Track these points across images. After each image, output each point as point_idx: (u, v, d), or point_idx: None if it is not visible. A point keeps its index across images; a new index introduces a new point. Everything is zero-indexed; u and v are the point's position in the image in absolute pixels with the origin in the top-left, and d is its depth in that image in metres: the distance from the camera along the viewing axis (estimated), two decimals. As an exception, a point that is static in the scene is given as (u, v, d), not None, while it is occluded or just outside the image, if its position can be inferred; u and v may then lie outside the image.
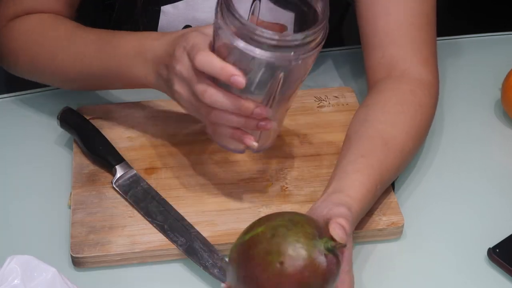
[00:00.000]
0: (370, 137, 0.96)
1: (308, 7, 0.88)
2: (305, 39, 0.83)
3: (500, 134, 1.10)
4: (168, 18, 1.08)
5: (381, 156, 0.94)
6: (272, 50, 0.83)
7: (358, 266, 0.92)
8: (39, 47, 1.04)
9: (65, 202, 0.98)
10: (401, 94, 1.01)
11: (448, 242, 0.95)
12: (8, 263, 0.75)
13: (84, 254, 0.91)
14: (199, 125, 1.04)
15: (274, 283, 0.78)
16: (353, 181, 0.91)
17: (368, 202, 0.91)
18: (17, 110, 1.10)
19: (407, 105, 1.00)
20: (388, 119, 0.98)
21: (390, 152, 0.95)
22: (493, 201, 1.00)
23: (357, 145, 0.95)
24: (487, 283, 0.91)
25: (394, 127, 0.97)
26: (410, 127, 0.98)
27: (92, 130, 1.03)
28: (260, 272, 0.78)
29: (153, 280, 0.91)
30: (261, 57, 0.83)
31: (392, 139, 0.96)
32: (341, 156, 0.95)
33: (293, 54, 0.83)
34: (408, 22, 1.03)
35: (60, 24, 1.04)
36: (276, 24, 0.88)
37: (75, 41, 1.01)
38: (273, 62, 0.83)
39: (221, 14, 0.84)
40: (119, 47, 0.98)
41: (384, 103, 1.00)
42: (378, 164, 0.93)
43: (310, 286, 0.78)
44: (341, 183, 0.91)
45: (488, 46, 1.25)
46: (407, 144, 0.97)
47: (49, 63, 1.03)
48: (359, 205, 0.89)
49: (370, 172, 0.92)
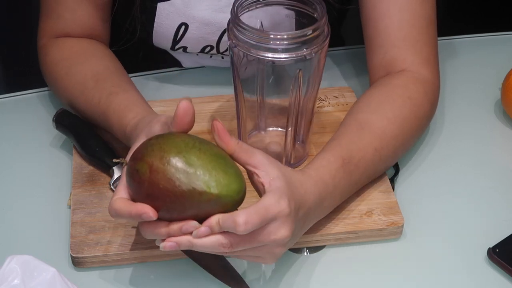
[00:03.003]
0: (345, 124, 0.98)
1: (305, 8, 0.95)
2: (312, 33, 0.90)
3: (500, 134, 1.10)
4: (165, 15, 1.08)
5: (352, 137, 0.95)
6: (286, 50, 0.90)
7: (358, 266, 0.93)
8: (56, 87, 1.08)
9: (65, 202, 0.98)
10: (392, 87, 1.02)
11: (448, 242, 0.95)
12: (8, 263, 0.75)
13: (84, 254, 0.91)
14: (200, 125, 1.04)
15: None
16: (317, 157, 0.92)
17: (332, 172, 0.91)
18: (16, 109, 1.10)
19: (393, 97, 1.00)
20: (370, 108, 0.99)
21: (364, 134, 0.96)
22: (493, 201, 1.00)
23: (334, 134, 0.97)
24: (487, 283, 0.91)
25: (373, 113, 0.98)
26: (394, 115, 0.98)
27: (88, 131, 1.03)
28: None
29: (153, 280, 0.91)
30: (278, 59, 0.90)
31: (369, 124, 0.97)
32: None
33: (305, 50, 0.89)
34: (410, 24, 1.04)
35: (79, 65, 1.07)
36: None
37: (85, 96, 1.04)
38: (289, 62, 0.90)
39: (233, 33, 0.91)
40: (112, 127, 1.00)
41: (371, 96, 1.02)
42: (347, 143, 0.94)
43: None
44: (309, 164, 0.92)
45: (488, 46, 1.25)
46: (389, 129, 0.97)
47: (64, 100, 1.07)
48: (316, 172, 0.90)
49: (334, 149, 0.93)
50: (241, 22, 0.91)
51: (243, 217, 0.79)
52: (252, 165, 0.85)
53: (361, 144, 0.95)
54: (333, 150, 0.93)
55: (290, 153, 0.99)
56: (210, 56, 1.15)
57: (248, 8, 0.95)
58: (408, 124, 1.00)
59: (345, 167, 0.92)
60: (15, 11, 1.60)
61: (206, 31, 1.10)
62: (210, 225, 0.80)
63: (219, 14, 1.07)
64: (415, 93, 1.01)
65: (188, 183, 0.79)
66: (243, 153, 0.85)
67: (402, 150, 1.01)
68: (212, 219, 0.80)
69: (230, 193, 0.80)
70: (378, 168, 0.98)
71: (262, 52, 0.90)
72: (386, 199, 0.97)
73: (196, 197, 0.79)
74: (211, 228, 0.80)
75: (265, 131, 1.04)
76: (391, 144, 0.98)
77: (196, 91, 1.14)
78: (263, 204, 0.81)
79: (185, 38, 1.11)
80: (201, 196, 0.79)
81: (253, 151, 0.85)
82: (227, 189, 0.80)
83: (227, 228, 0.80)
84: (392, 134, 0.98)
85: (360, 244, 0.94)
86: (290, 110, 0.96)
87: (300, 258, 0.93)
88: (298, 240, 0.90)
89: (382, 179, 0.99)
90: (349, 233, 0.94)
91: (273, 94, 0.96)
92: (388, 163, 1.00)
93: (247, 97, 0.97)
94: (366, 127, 0.96)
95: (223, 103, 1.10)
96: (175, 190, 0.79)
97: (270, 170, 0.84)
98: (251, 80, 0.94)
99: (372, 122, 0.97)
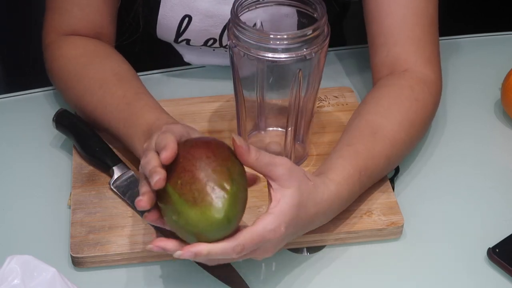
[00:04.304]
0: (358, 127, 0.98)
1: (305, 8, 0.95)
2: (312, 33, 0.90)
3: (500, 134, 1.10)
4: (169, 7, 1.08)
5: (368, 144, 0.95)
6: (286, 50, 0.90)
7: (358, 266, 0.93)
8: (70, 82, 1.06)
9: (65, 202, 0.98)
10: (398, 89, 1.02)
11: (448, 242, 0.95)
12: (8, 263, 0.75)
13: (84, 254, 0.91)
14: (199, 125, 1.04)
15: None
16: (335, 165, 0.92)
17: (350, 187, 0.92)
18: (17, 109, 1.10)
19: (401, 99, 1.00)
20: (380, 111, 0.99)
21: (378, 140, 0.96)
22: (493, 201, 1.00)
23: (345, 136, 0.97)
24: (487, 283, 0.91)
25: (385, 118, 0.98)
26: (403, 119, 0.99)
27: (88, 131, 1.02)
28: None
29: (153, 280, 0.91)
30: (278, 59, 0.90)
31: (382, 129, 0.97)
32: (331, 150, 0.97)
33: (305, 50, 0.90)
34: (413, 23, 1.04)
35: (97, 63, 1.06)
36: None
37: (104, 90, 1.02)
38: (289, 62, 0.90)
39: (233, 33, 0.91)
40: (137, 120, 0.97)
41: (379, 97, 1.01)
42: (364, 151, 0.94)
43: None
44: (325, 167, 0.92)
45: (488, 46, 1.25)
46: (399, 134, 0.98)
47: (74, 97, 1.05)
48: (337, 187, 0.90)
49: (353, 157, 0.93)
50: (241, 22, 0.91)
51: (240, 247, 0.81)
52: (271, 178, 0.84)
53: (375, 152, 0.95)
54: (352, 159, 0.93)
55: (290, 153, 0.99)
56: (213, 49, 1.15)
57: (248, 8, 0.95)
58: (415, 127, 1.00)
59: (361, 179, 0.93)
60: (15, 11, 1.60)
61: (209, 24, 1.10)
62: (198, 253, 0.80)
63: (223, 6, 1.08)
64: (420, 95, 1.02)
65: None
66: (263, 168, 0.84)
67: (407, 154, 1.02)
68: (203, 250, 0.80)
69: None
70: (385, 172, 0.99)
71: (262, 52, 0.90)
72: (386, 199, 0.97)
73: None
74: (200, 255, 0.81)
75: (265, 131, 1.04)
76: (400, 150, 0.99)
77: (196, 91, 1.14)
78: (261, 229, 0.82)
79: (189, 30, 1.11)
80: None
81: (274, 163, 0.84)
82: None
83: (222, 256, 0.81)
84: (401, 140, 0.98)
85: (360, 244, 0.94)
86: (290, 110, 0.96)
87: (300, 258, 0.93)
88: (298, 240, 0.91)
89: (382, 179, 0.99)
90: (349, 233, 0.94)
91: (273, 94, 0.96)
92: (394, 166, 1.01)
93: (247, 97, 0.97)
94: (379, 133, 0.97)
95: (223, 103, 1.10)
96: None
97: (286, 184, 0.84)
98: (251, 80, 0.94)
99: (384, 127, 0.97)
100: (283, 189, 0.84)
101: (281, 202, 0.83)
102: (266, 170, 0.84)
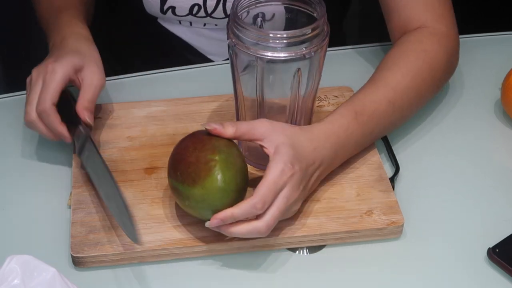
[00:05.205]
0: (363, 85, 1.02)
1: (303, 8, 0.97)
2: (312, 32, 0.91)
3: (500, 134, 1.10)
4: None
5: (367, 91, 1.00)
6: (285, 49, 0.90)
7: (358, 266, 0.92)
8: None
9: (65, 202, 0.98)
10: (406, 43, 1.06)
11: (448, 241, 0.95)
12: (8, 263, 0.75)
13: (84, 254, 0.91)
14: (199, 124, 1.04)
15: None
16: (330, 113, 0.97)
17: (344, 123, 0.95)
18: (17, 109, 1.10)
19: (408, 53, 1.04)
20: (385, 67, 1.03)
21: (379, 87, 1.00)
22: (493, 201, 1.00)
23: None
24: (487, 283, 0.91)
25: (388, 70, 1.02)
26: (408, 69, 1.02)
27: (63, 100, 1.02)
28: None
29: (153, 280, 0.91)
30: (278, 58, 0.90)
31: (384, 79, 1.01)
32: None
33: (304, 48, 0.90)
34: None
35: None
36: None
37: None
38: (289, 60, 0.91)
39: (232, 32, 0.92)
40: (52, 32, 1.08)
41: (387, 56, 1.05)
42: (361, 96, 0.99)
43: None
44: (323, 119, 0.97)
45: (488, 46, 1.25)
46: (404, 80, 1.01)
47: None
48: (326, 124, 0.95)
49: (347, 103, 0.98)
50: (241, 21, 0.91)
51: (260, 202, 0.86)
52: (256, 139, 0.89)
53: (374, 96, 0.99)
54: (346, 104, 0.98)
55: None
56: (203, 24, 1.17)
57: (248, 7, 0.95)
58: (422, 75, 1.03)
59: (358, 118, 0.96)
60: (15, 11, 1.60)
61: None
62: (224, 218, 0.86)
63: None
64: (429, 46, 1.05)
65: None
66: (245, 135, 0.89)
67: (417, 102, 1.04)
68: (227, 214, 0.86)
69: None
70: (393, 120, 1.01)
71: (262, 50, 0.90)
72: (386, 198, 0.97)
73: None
74: (225, 220, 0.86)
75: None
76: (405, 95, 1.01)
77: (195, 91, 1.14)
78: (270, 177, 0.87)
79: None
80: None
81: (253, 127, 0.90)
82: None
83: (247, 215, 0.86)
84: (406, 86, 1.01)
85: (360, 243, 0.94)
86: (289, 109, 0.96)
87: (300, 258, 0.93)
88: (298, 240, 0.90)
89: (382, 179, 0.99)
90: (349, 233, 0.94)
91: (273, 93, 0.96)
92: (404, 115, 1.03)
93: (247, 96, 0.97)
94: (380, 82, 1.00)
95: (223, 102, 1.10)
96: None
97: (274, 137, 0.89)
98: (250, 79, 0.94)
99: (387, 77, 1.01)
100: (272, 142, 0.89)
101: (277, 150, 0.88)
102: (249, 135, 0.90)
